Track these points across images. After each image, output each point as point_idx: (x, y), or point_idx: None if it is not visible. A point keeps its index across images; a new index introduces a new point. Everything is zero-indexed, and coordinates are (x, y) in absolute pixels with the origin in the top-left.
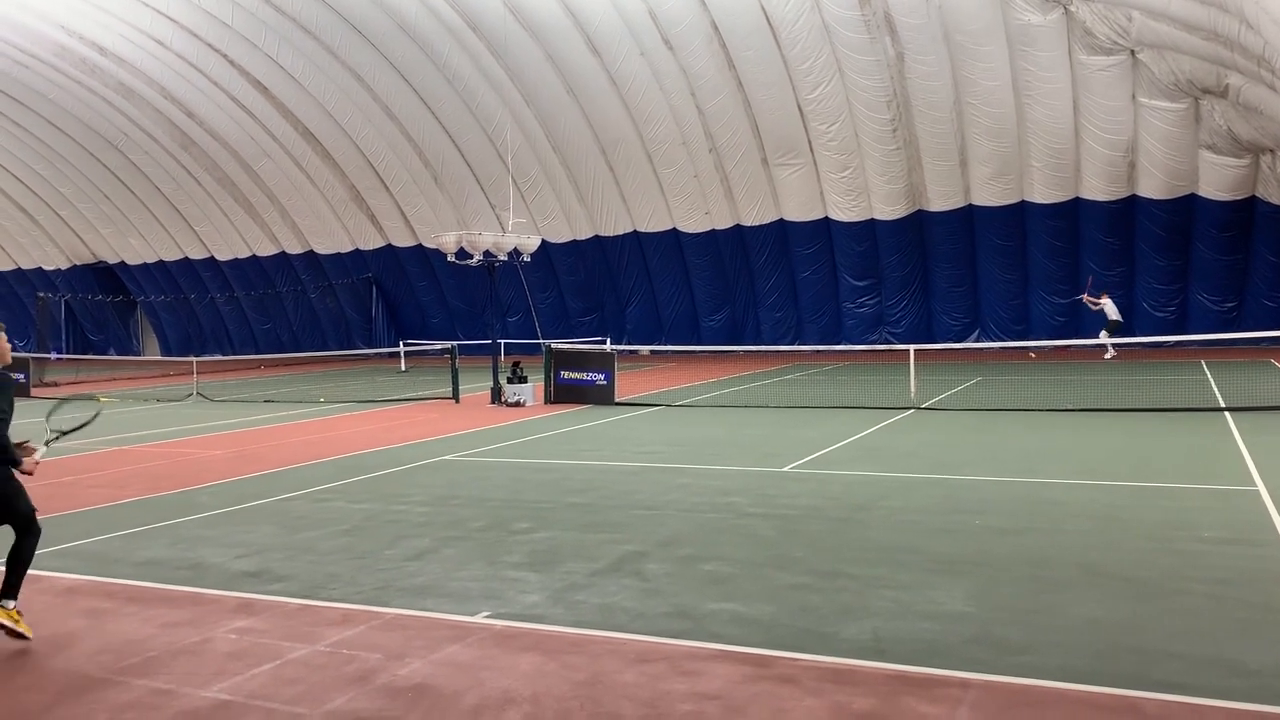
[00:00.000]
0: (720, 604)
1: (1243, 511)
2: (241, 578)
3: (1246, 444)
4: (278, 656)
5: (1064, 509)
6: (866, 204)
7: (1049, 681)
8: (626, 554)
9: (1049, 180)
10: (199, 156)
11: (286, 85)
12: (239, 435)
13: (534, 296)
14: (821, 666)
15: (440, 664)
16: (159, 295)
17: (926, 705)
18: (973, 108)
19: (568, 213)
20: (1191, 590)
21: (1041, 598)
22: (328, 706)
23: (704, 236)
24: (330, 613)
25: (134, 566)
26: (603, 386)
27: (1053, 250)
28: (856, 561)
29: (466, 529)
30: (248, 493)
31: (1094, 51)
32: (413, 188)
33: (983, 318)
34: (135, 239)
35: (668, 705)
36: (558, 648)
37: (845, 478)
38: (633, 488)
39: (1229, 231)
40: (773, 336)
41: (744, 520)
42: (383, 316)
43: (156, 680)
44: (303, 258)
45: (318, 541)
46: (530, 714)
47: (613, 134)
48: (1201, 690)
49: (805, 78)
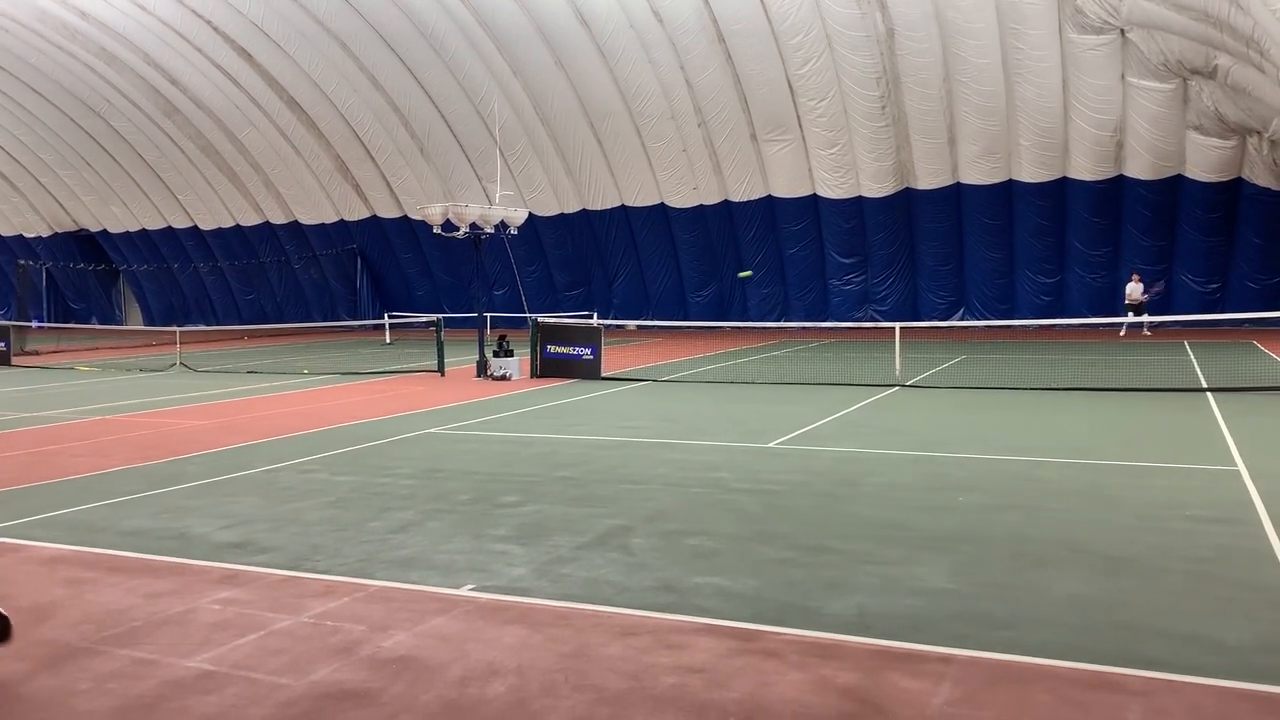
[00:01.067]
0: (706, 578)
1: (1224, 491)
2: (226, 548)
3: (1228, 424)
4: (262, 627)
5: (1047, 487)
6: (855, 181)
7: (1031, 658)
8: (612, 528)
9: (1037, 159)
10: (182, 124)
11: (272, 53)
12: (223, 406)
13: (520, 270)
14: (806, 641)
15: (425, 636)
16: (142, 264)
17: (910, 680)
18: (962, 85)
19: (555, 186)
20: (1173, 568)
21: (1024, 574)
22: (312, 677)
23: (692, 211)
24: (315, 584)
25: (118, 536)
26: (589, 361)
27: (1039, 230)
28: (841, 537)
29: (452, 502)
30: (232, 463)
31: (1084, 30)
32: (399, 159)
33: (968, 296)
34: (118, 207)
35: (652, 678)
36: (543, 620)
37: (830, 454)
38: (619, 462)
39: (1214, 213)
40: (759, 313)
41: (730, 495)
42: (367, 288)
43: (139, 650)
44: (287, 228)
45: (302, 513)
46: (515, 686)
47: (601, 107)
48: (1181, 667)
49: (795, 53)
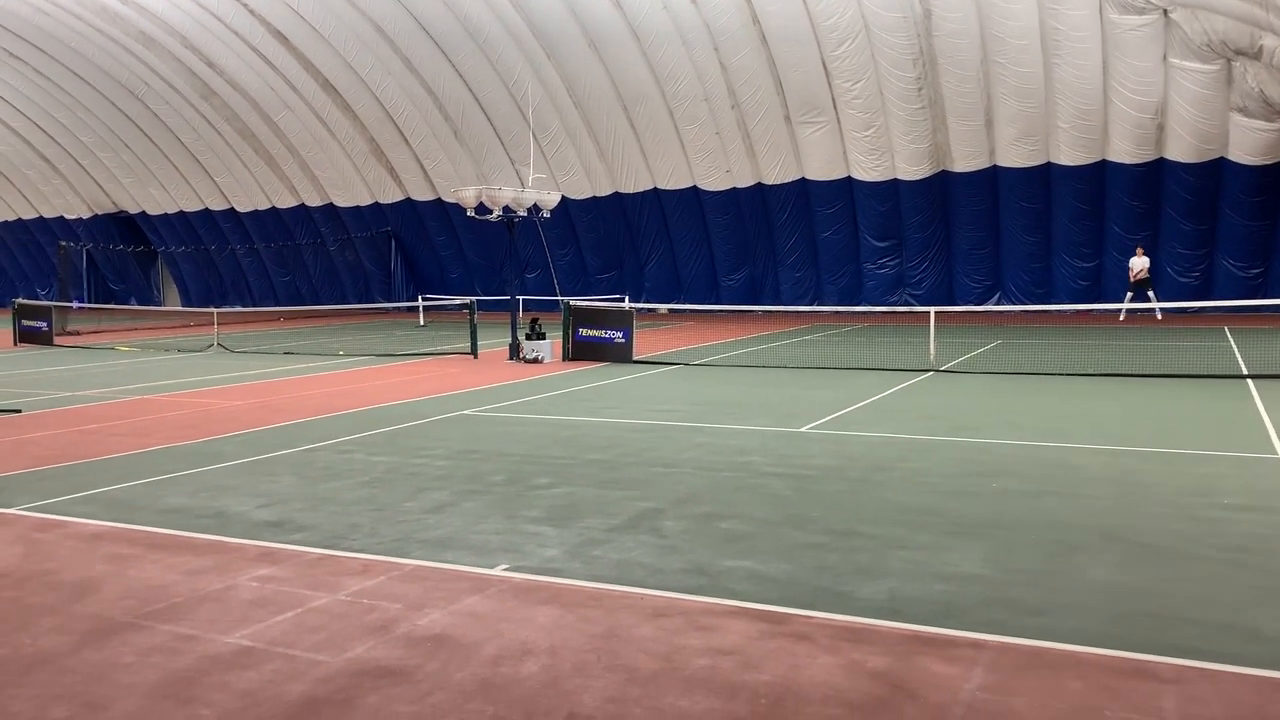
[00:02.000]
0: (737, 561)
1: (1262, 478)
2: (263, 527)
3: (1269, 411)
4: (299, 605)
5: (1082, 473)
6: (890, 164)
7: (1063, 644)
8: (644, 510)
9: (1075, 142)
10: (219, 107)
11: (307, 36)
12: (260, 386)
13: (553, 253)
14: (837, 624)
15: (459, 615)
16: (179, 246)
17: (941, 665)
18: (1000, 67)
19: (588, 169)
20: (1209, 556)
21: (1057, 561)
22: (348, 654)
23: (724, 194)
24: (351, 563)
25: (157, 514)
26: (621, 344)
27: (1077, 213)
28: (873, 522)
29: (486, 483)
30: (269, 443)
31: (1126, 10)
32: (432, 141)
33: (1004, 281)
34: (156, 189)
35: (683, 659)
36: (575, 601)
37: (863, 439)
38: (650, 445)
39: (1258, 196)
40: (792, 297)
41: (761, 479)
42: (401, 270)
43: (180, 626)
44: (322, 210)
45: (339, 492)
46: (548, 665)
47: (634, 89)
48: (1216, 655)
49: (830, 34)
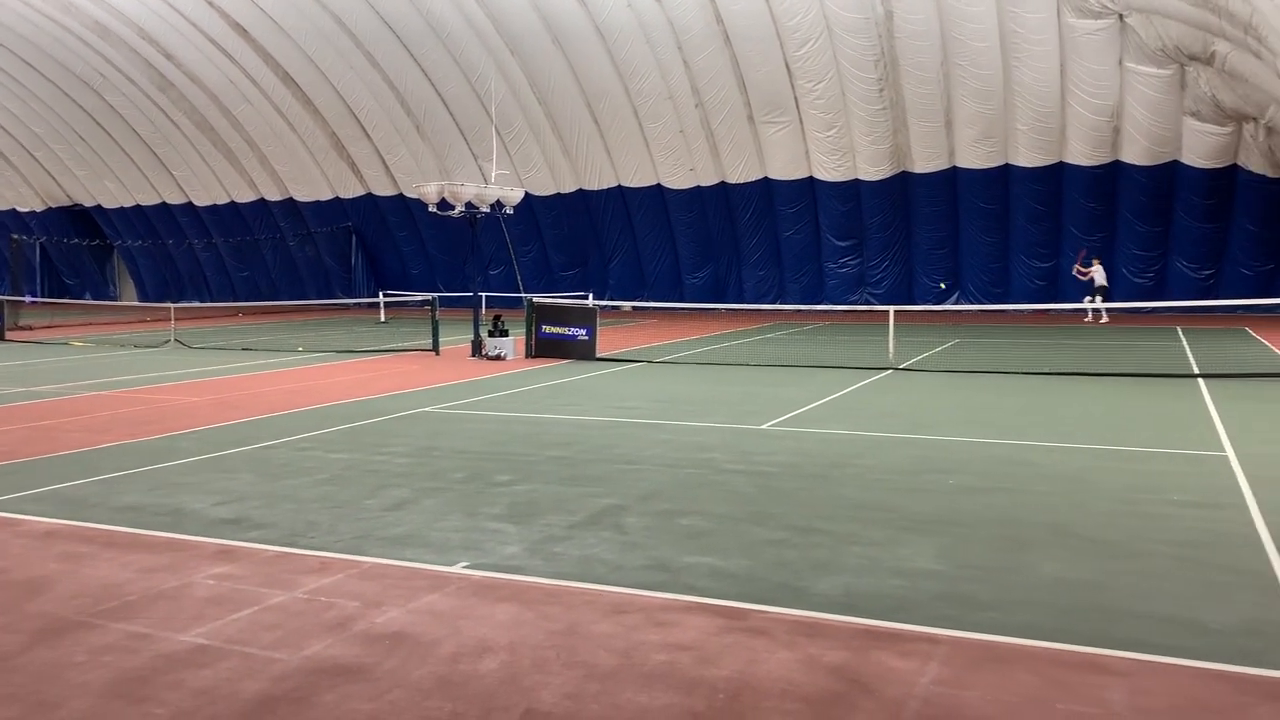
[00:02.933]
0: (697, 557)
1: (1211, 476)
2: (220, 524)
3: (1218, 410)
4: (256, 602)
5: (1036, 470)
6: (851, 164)
7: (1016, 638)
8: (605, 507)
9: (1033, 144)
10: (177, 100)
11: (267, 28)
12: (218, 382)
13: (516, 249)
14: (794, 619)
15: (418, 612)
16: (136, 240)
17: (896, 660)
18: (960, 69)
19: (552, 165)
20: (1157, 552)
21: (1010, 556)
22: (305, 652)
23: (689, 193)
24: (309, 560)
25: (112, 511)
26: (584, 341)
27: (1035, 214)
28: (831, 518)
29: (446, 480)
30: (227, 440)
31: (1083, 14)
32: (394, 136)
33: (963, 280)
34: (112, 182)
35: (642, 655)
36: (535, 598)
37: (822, 436)
38: (612, 442)
39: (1210, 199)
40: (755, 295)
41: (722, 476)
42: (362, 266)
43: (134, 624)
44: (282, 205)
45: (297, 490)
46: (507, 662)
47: (598, 86)
48: (1163, 648)
49: (793, 34)
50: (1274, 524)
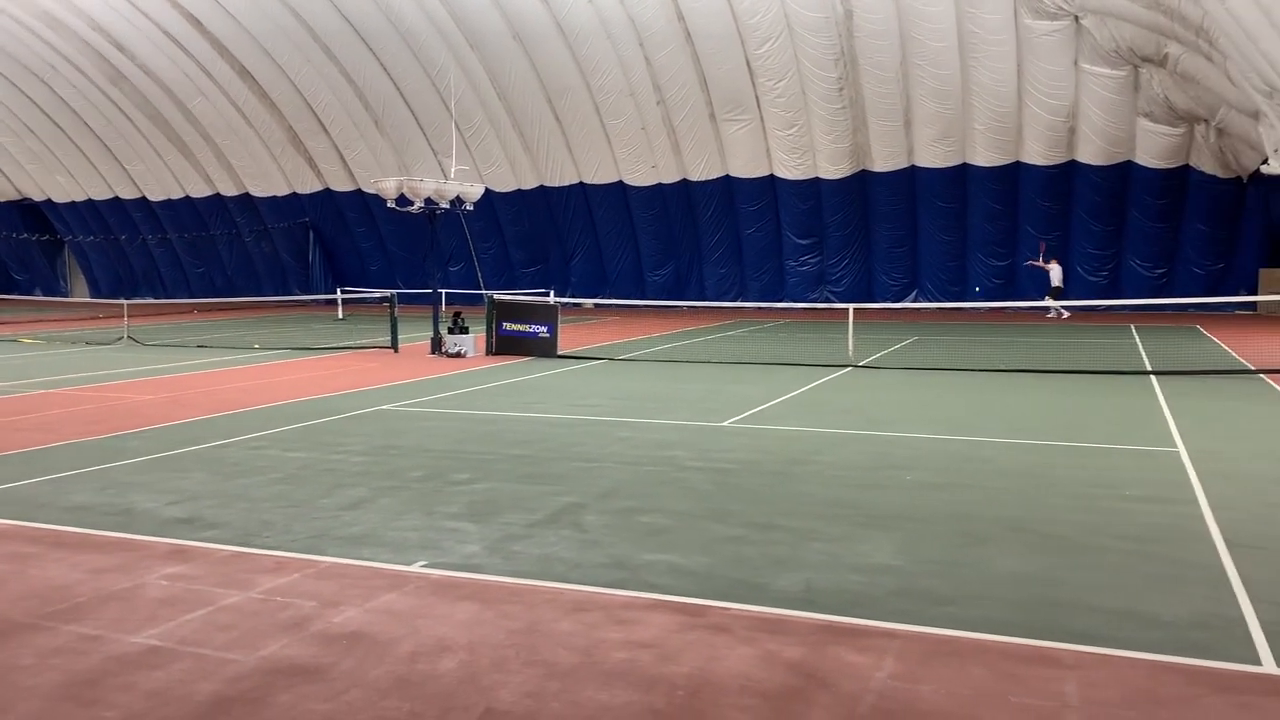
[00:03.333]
0: (657, 555)
1: (1163, 471)
2: (174, 524)
3: (1170, 406)
4: (210, 603)
5: (992, 466)
6: (811, 162)
7: (971, 633)
8: (566, 505)
9: (991, 144)
10: (130, 92)
11: (223, 21)
12: (171, 380)
13: (477, 246)
14: (753, 616)
15: (376, 612)
16: (88, 235)
17: (854, 654)
18: (919, 69)
19: (513, 162)
20: (1110, 546)
21: (966, 551)
22: (261, 653)
23: (650, 190)
24: (264, 560)
25: (62, 511)
26: (545, 339)
27: (992, 213)
28: (790, 514)
29: (404, 479)
30: (180, 438)
31: (1040, 16)
32: (353, 131)
33: (921, 278)
34: (63, 176)
35: (602, 653)
36: (495, 597)
37: (782, 433)
38: (573, 440)
39: (1163, 199)
40: (716, 292)
41: (683, 473)
42: (320, 262)
43: (84, 626)
44: (238, 200)
45: (252, 489)
46: (466, 662)
47: (560, 82)
48: (1115, 642)
49: (754, 32)
50: (1223, 519)
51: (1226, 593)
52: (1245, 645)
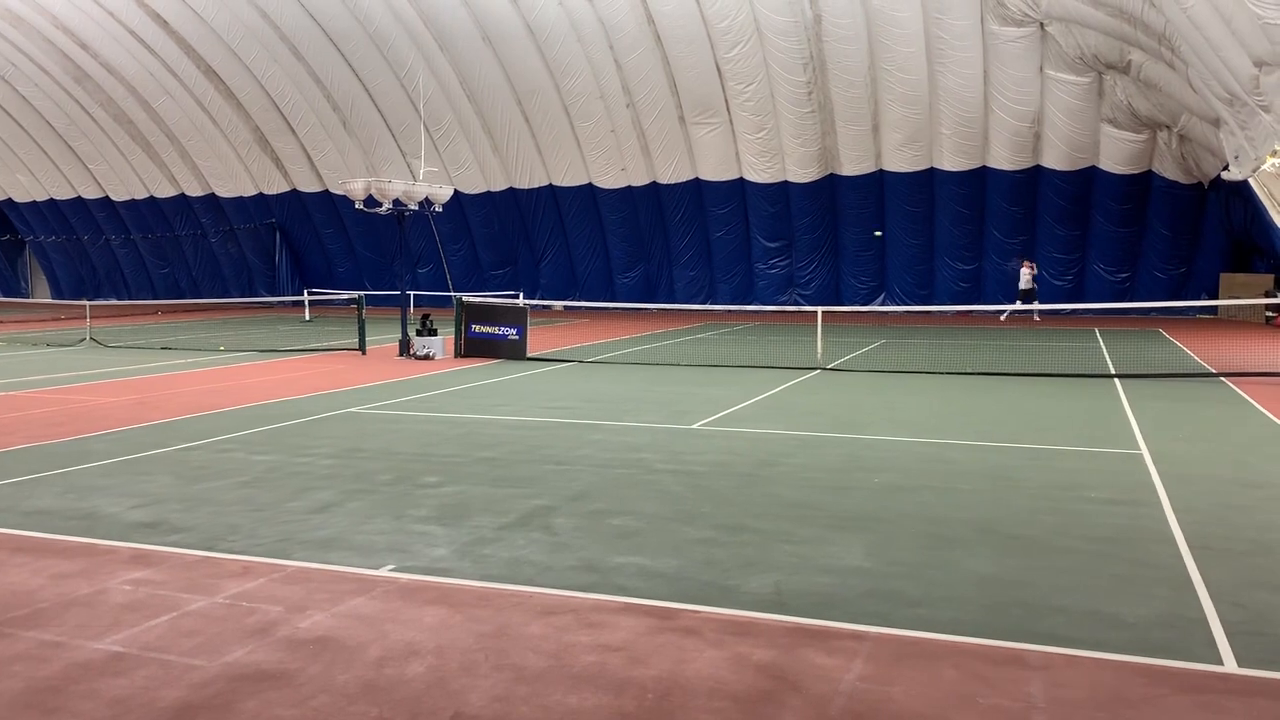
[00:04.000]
0: (627, 557)
1: (1127, 474)
2: (137, 528)
3: (1133, 409)
4: (175, 608)
5: (959, 468)
6: (780, 166)
7: (940, 634)
8: (535, 508)
9: (958, 148)
10: (93, 91)
11: (188, 20)
12: (135, 383)
13: (445, 248)
14: (723, 619)
15: (343, 616)
16: (49, 235)
17: (824, 656)
18: (887, 74)
19: (482, 163)
20: (1076, 548)
21: (935, 553)
22: (226, 658)
23: (620, 193)
24: (230, 565)
25: (21, 516)
26: (515, 341)
27: (959, 218)
28: (760, 517)
29: (373, 482)
30: (144, 441)
31: (1005, 22)
32: (320, 131)
33: (889, 282)
34: (24, 175)
35: (572, 657)
36: (464, 601)
37: (751, 435)
38: (543, 443)
39: (1126, 204)
40: (686, 295)
41: (653, 476)
42: (287, 263)
43: (46, 632)
44: (203, 200)
45: (218, 493)
46: (434, 666)
47: (529, 84)
48: (1082, 642)
49: (724, 36)
50: (1186, 520)
51: (1189, 593)
52: (1207, 645)
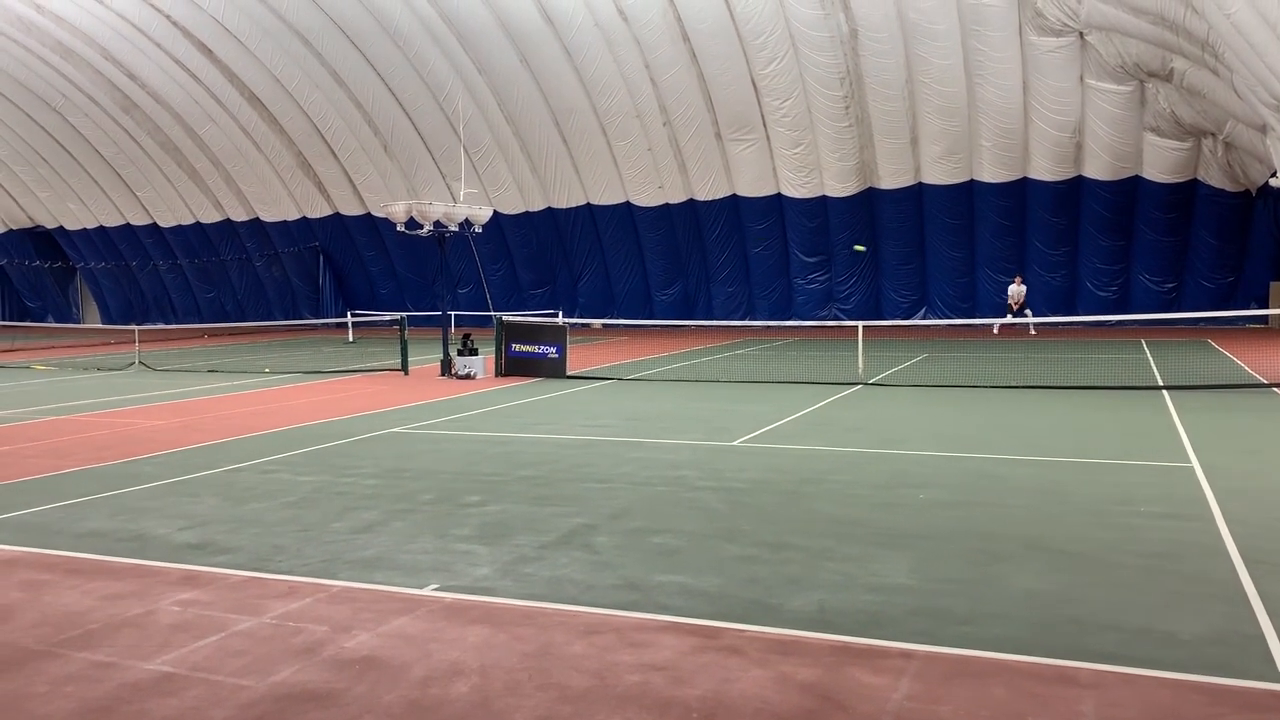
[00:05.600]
0: (669, 576)
1: (1178, 487)
2: (186, 550)
3: (1183, 422)
4: (222, 629)
5: (1006, 484)
6: (818, 180)
7: (989, 652)
8: (577, 527)
9: (998, 160)
10: (141, 120)
11: (232, 48)
12: (182, 405)
13: (485, 268)
14: (767, 637)
15: (388, 636)
16: (99, 262)
17: (870, 675)
18: (924, 86)
19: (520, 184)
20: (1127, 563)
21: (982, 570)
22: (273, 678)
23: (657, 210)
24: (276, 585)
25: (74, 538)
26: (554, 359)
27: (1000, 229)
28: (803, 534)
29: (416, 502)
30: (192, 463)
31: (1044, 33)
32: (361, 155)
33: (930, 295)
34: (74, 204)
35: (615, 676)
36: (507, 620)
37: (793, 452)
38: (583, 461)
39: (1171, 213)
40: (724, 311)
41: (694, 493)
42: (330, 286)
43: (97, 653)
44: (248, 225)
45: (264, 513)
46: (478, 685)
47: (566, 104)
48: (1134, 660)
49: (759, 52)
50: (1239, 534)
51: (1245, 609)
52: (1265, 662)
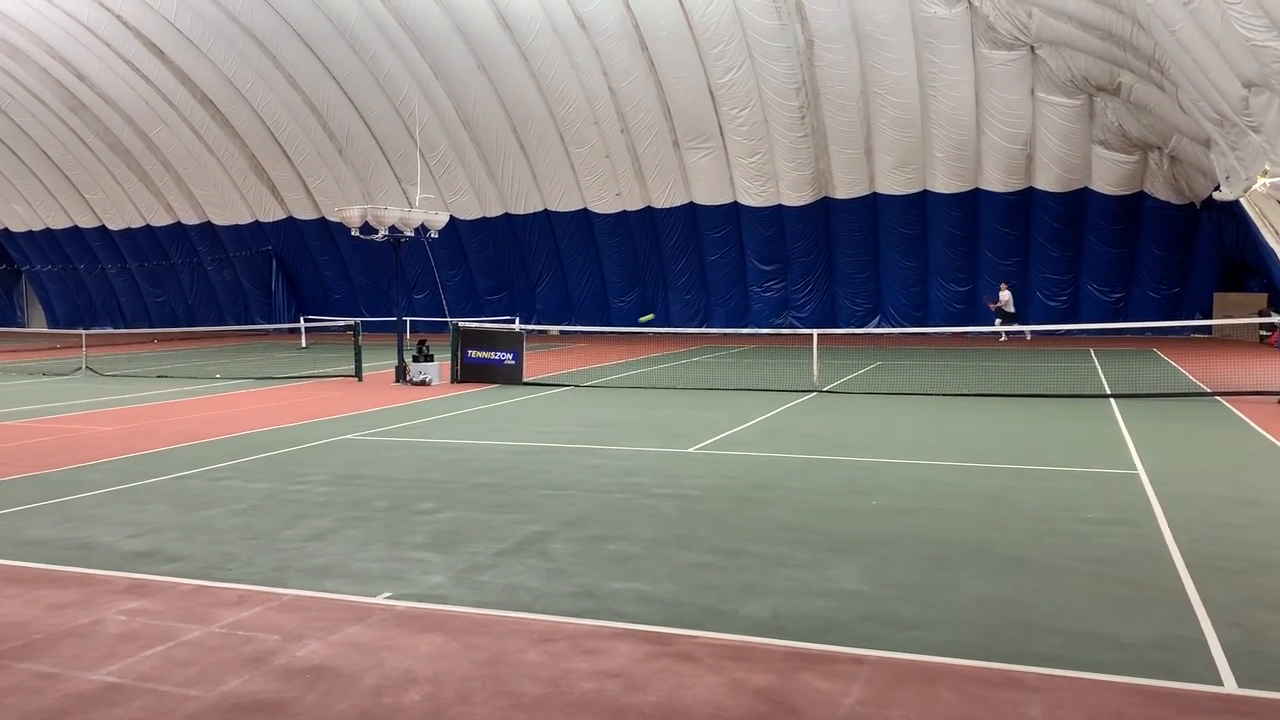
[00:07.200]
0: (624, 583)
1: (1123, 494)
2: (133, 558)
3: (1129, 429)
4: (170, 638)
5: (956, 490)
6: (775, 190)
7: (938, 657)
8: (532, 534)
9: (950, 171)
10: (90, 121)
11: (184, 49)
12: (131, 411)
13: (441, 274)
14: (721, 644)
15: (340, 645)
16: (45, 265)
17: (822, 681)
18: (879, 97)
19: (477, 189)
20: (1073, 569)
21: (932, 576)
22: (222, 688)
23: (615, 217)
24: (226, 594)
25: (16, 546)
26: (511, 366)
27: (953, 239)
28: (757, 541)
29: (369, 509)
30: (140, 470)
31: (996, 46)
32: (316, 159)
33: (884, 304)
34: (19, 205)
35: (569, 684)
36: (460, 628)
37: (748, 459)
38: (539, 468)
39: (1118, 225)
40: (681, 318)
41: (649, 500)
42: (283, 291)
43: (41, 663)
44: (199, 228)
45: (213, 521)
46: (431, 694)
47: (524, 111)
48: (1079, 664)
49: (717, 62)
50: (1183, 540)
51: (1187, 614)
52: (1207, 666)
